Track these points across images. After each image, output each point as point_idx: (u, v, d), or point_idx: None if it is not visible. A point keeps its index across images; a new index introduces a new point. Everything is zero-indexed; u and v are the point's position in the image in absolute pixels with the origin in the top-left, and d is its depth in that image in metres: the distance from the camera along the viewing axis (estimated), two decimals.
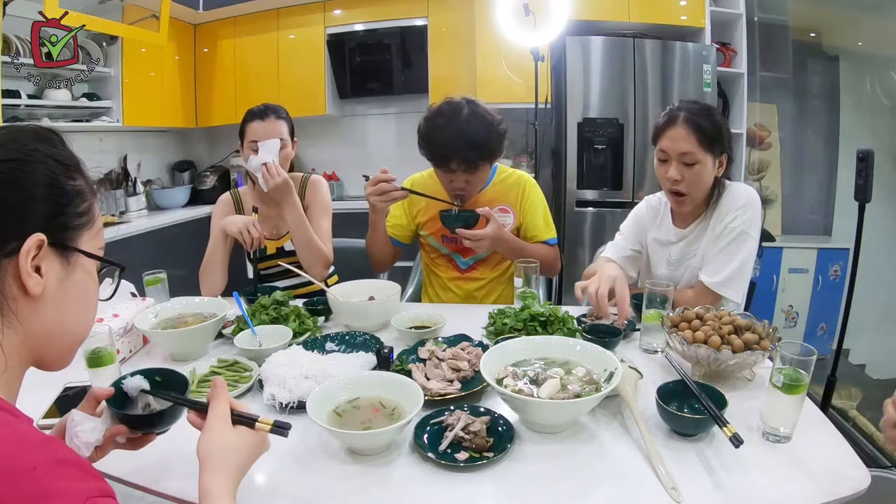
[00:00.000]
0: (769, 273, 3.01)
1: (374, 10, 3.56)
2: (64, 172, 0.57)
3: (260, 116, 1.64)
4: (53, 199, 0.56)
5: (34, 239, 0.53)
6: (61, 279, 0.57)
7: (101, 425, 0.69)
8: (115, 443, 0.72)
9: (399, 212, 1.75)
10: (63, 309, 0.58)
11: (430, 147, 1.54)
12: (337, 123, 4.01)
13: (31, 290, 0.53)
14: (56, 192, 0.56)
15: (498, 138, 1.55)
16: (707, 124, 1.30)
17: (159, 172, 3.90)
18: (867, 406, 2.29)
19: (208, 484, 0.61)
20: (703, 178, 1.33)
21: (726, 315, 1.08)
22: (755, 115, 3.23)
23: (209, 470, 0.62)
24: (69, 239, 0.57)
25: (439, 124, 1.51)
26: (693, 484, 0.75)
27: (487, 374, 0.92)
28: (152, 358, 1.24)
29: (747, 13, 3.09)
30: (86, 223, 0.59)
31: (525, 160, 3.49)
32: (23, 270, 0.52)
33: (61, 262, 0.57)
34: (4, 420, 0.48)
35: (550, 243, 1.71)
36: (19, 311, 0.54)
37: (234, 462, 0.65)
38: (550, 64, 3.16)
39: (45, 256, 0.55)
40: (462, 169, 1.52)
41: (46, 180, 0.55)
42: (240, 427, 0.68)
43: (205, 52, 3.91)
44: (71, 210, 0.57)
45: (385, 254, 1.73)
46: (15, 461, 0.44)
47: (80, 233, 0.59)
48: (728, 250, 1.33)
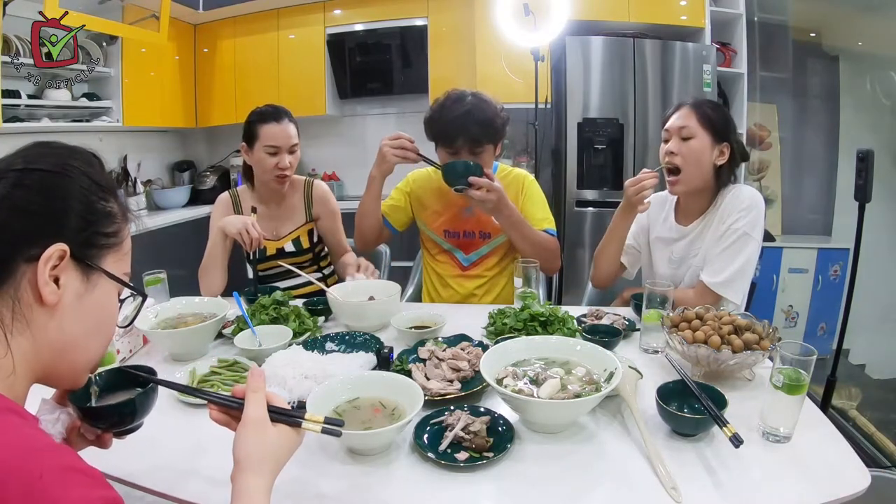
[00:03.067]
0: (769, 273, 3.01)
1: (373, 10, 3.56)
2: (97, 192, 0.58)
3: (276, 118, 1.64)
4: (83, 214, 0.56)
5: (56, 248, 0.53)
6: (80, 295, 0.57)
7: (64, 417, 0.66)
8: (84, 439, 0.69)
9: (399, 195, 1.77)
10: (77, 325, 0.57)
11: (436, 125, 1.57)
12: (337, 123, 4.01)
13: (45, 298, 0.53)
14: (86, 208, 0.57)
15: (501, 122, 1.58)
16: (710, 110, 1.37)
17: (159, 172, 3.90)
18: (867, 406, 2.29)
19: (244, 485, 0.59)
20: (698, 156, 1.35)
21: (726, 315, 1.08)
22: (755, 115, 3.23)
23: (248, 472, 0.60)
24: (93, 256, 0.58)
25: (446, 105, 1.57)
26: (693, 484, 0.75)
27: (487, 374, 0.92)
28: (152, 358, 1.23)
29: (747, 13, 3.09)
30: (112, 245, 0.59)
31: (525, 160, 3.49)
32: (40, 277, 0.52)
33: (82, 279, 0.57)
34: (10, 423, 0.48)
35: (549, 233, 1.71)
36: (33, 319, 0.54)
37: (272, 463, 0.62)
38: (550, 64, 3.16)
39: (65, 269, 0.54)
40: (467, 148, 1.54)
41: (79, 195, 0.56)
42: (280, 426, 0.64)
43: (205, 52, 3.91)
44: (99, 229, 0.58)
45: (371, 227, 1.71)
46: (21, 468, 0.43)
47: (105, 253, 0.59)
48: (730, 251, 1.33)
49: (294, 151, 1.68)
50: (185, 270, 2.03)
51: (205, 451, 0.86)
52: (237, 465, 0.61)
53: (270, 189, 1.72)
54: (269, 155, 1.64)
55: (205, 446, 0.87)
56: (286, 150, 1.65)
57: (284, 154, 1.65)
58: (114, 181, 0.61)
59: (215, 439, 0.90)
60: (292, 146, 1.67)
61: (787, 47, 3.21)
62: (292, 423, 0.65)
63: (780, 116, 3.29)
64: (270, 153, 1.64)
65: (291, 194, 1.78)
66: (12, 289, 0.53)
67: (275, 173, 1.65)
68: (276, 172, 1.65)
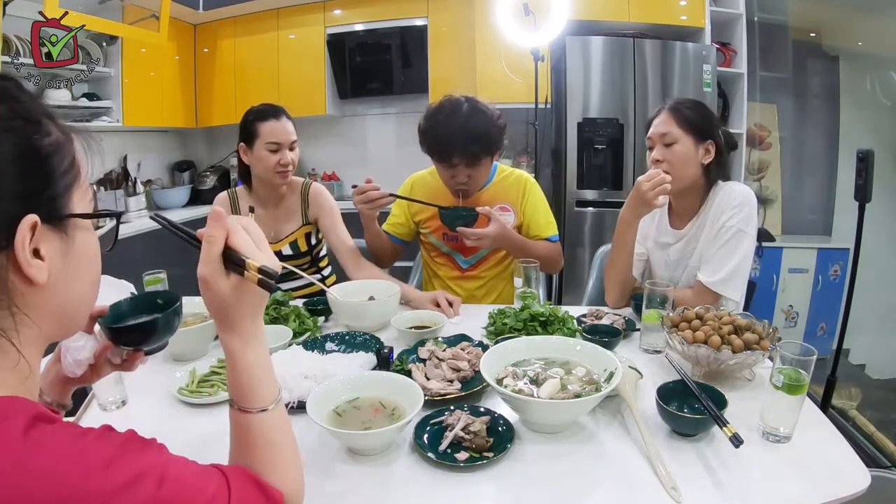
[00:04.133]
0: (769, 273, 3.01)
1: (373, 10, 3.56)
2: (35, 130, 0.47)
3: (275, 116, 1.64)
4: (33, 170, 0.47)
5: (25, 224, 0.45)
6: (64, 253, 0.50)
7: (92, 343, 0.67)
8: (109, 364, 0.71)
9: (399, 210, 1.76)
10: (71, 283, 0.52)
11: (431, 142, 1.55)
12: (337, 123, 4.01)
13: (35, 278, 0.47)
14: (34, 161, 0.47)
15: (498, 132, 1.57)
16: (688, 111, 1.36)
17: (159, 172, 3.90)
18: (867, 406, 2.29)
19: (221, 342, 0.60)
20: (683, 159, 1.35)
21: (726, 315, 1.08)
22: (755, 115, 3.23)
23: (219, 329, 0.59)
24: (62, 208, 0.49)
25: (440, 120, 1.53)
26: (693, 484, 0.75)
27: (487, 374, 0.92)
28: (152, 358, 1.22)
29: (747, 13, 3.09)
30: (73, 181, 0.50)
31: (525, 160, 3.49)
32: (22, 261, 0.45)
33: (59, 236, 0.49)
34: (62, 437, 0.43)
35: (552, 240, 1.71)
36: (29, 304, 0.48)
37: (232, 318, 0.58)
38: (550, 64, 3.16)
39: (41, 237, 0.47)
40: (464, 163, 1.53)
41: (17, 151, 0.46)
42: (233, 276, 0.57)
43: (205, 52, 3.91)
44: (56, 175, 0.48)
45: (383, 250, 1.74)
46: (77, 494, 0.40)
47: (70, 195, 0.50)
48: (725, 249, 1.33)
49: (294, 148, 1.68)
50: (185, 270, 2.03)
51: (205, 452, 0.85)
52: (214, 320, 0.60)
53: (269, 189, 1.72)
54: (271, 152, 1.63)
55: (205, 446, 0.87)
56: (287, 147, 1.65)
57: (286, 150, 1.65)
58: (42, 103, 0.50)
59: (216, 438, 0.90)
60: (292, 142, 1.67)
61: (787, 47, 3.21)
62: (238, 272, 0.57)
63: (780, 116, 3.29)
64: (272, 150, 1.63)
65: (290, 196, 1.78)
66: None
67: (277, 170, 1.65)
68: (279, 169, 1.65)
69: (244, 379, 0.60)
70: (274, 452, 0.60)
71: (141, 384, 1.07)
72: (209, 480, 0.51)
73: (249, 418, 0.60)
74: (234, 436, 0.61)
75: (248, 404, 0.60)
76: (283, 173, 1.67)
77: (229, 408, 0.61)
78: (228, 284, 0.57)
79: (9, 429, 0.41)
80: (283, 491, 0.58)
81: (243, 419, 0.60)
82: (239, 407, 0.60)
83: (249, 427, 0.60)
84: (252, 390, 0.60)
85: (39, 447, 0.41)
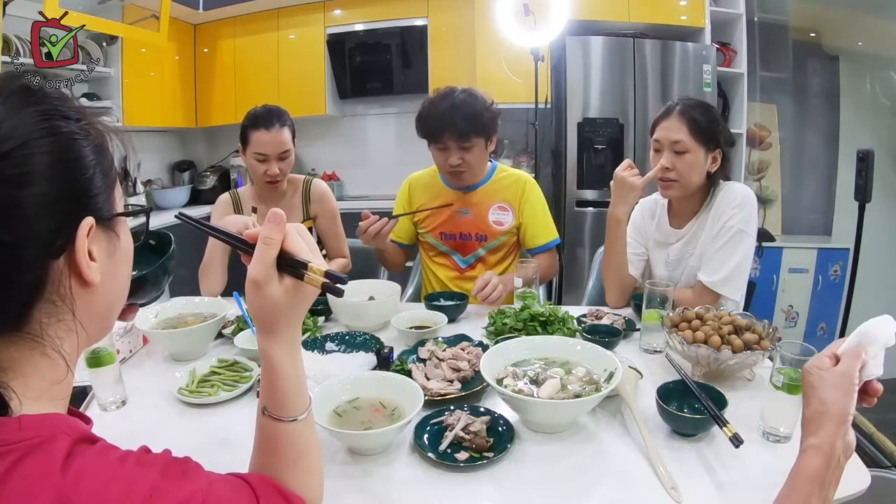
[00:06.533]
0: (769, 273, 3.01)
1: (373, 10, 3.56)
2: (81, 131, 0.46)
3: (266, 125, 1.61)
4: (83, 172, 0.46)
5: (84, 226, 0.45)
6: (111, 253, 0.49)
7: None
8: None
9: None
10: (115, 281, 0.51)
11: (424, 122, 1.58)
12: (337, 123, 4.00)
13: (90, 279, 0.45)
14: (83, 162, 0.46)
15: (490, 116, 1.58)
16: (701, 117, 1.34)
17: (159, 172, 3.90)
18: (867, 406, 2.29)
19: (260, 347, 0.58)
20: (693, 168, 1.34)
21: (726, 315, 1.08)
22: (755, 115, 3.23)
23: (260, 334, 0.57)
24: (109, 207, 0.49)
25: (434, 101, 1.58)
26: (693, 484, 0.75)
27: (487, 374, 0.92)
28: (152, 358, 1.23)
29: (747, 13, 3.09)
30: (113, 180, 0.50)
31: (525, 160, 3.49)
32: (83, 265, 0.45)
33: (108, 236, 0.49)
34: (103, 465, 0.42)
35: (550, 246, 1.71)
36: (80, 309, 0.46)
37: (275, 322, 0.56)
38: (550, 64, 3.16)
39: (94, 238, 0.46)
40: (455, 143, 1.54)
41: (68, 153, 0.45)
42: (286, 280, 0.55)
43: (205, 52, 3.91)
44: (101, 174, 0.48)
45: (393, 259, 1.78)
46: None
47: (113, 193, 0.50)
48: (725, 249, 1.33)
49: (285, 158, 1.66)
50: (185, 270, 2.02)
51: (205, 451, 0.85)
52: (255, 324, 0.59)
53: (267, 189, 1.72)
54: (258, 162, 1.63)
55: (206, 446, 0.87)
56: (275, 158, 1.63)
57: (273, 162, 1.63)
58: (79, 103, 0.49)
59: (217, 440, 0.90)
60: (282, 153, 1.64)
61: (787, 47, 3.21)
62: (295, 275, 0.56)
63: (780, 116, 3.29)
64: (259, 160, 1.63)
65: (291, 194, 1.78)
66: (53, 295, 0.44)
67: (265, 179, 1.65)
68: (266, 179, 1.65)
69: (281, 387, 0.58)
70: (300, 461, 0.60)
71: (141, 384, 1.07)
72: (241, 496, 0.50)
73: (280, 427, 0.59)
74: (261, 442, 0.60)
75: (282, 413, 0.58)
76: (271, 183, 1.67)
77: (259, 414, 0.59)
78: (281, 288, 0.55)
79: (52, 451, 0.40)
80: (304, 498, 0.58)
81: (274, 427, 0.59)
82: (272, 415, 0.58)
83: (279, 435, 0.59)
84: (288, 399, 0.59)
85: (80, 477, 0.40)
